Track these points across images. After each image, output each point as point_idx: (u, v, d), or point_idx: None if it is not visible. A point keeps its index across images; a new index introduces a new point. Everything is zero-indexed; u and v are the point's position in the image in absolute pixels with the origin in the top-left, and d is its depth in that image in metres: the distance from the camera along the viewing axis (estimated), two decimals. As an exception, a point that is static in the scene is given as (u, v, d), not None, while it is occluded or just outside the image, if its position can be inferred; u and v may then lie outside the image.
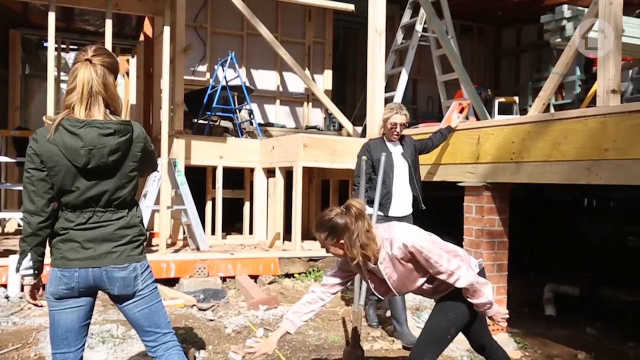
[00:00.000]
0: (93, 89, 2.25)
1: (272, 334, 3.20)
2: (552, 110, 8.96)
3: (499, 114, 8.52)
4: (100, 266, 2.36)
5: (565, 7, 5.27)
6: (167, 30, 6.33)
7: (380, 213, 4.50)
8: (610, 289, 5.85)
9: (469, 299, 2.81)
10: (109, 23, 6.09)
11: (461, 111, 5.10)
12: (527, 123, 4.38)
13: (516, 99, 8.69)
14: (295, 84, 9.69)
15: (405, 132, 6.11)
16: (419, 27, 7.54)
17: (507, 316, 2.90)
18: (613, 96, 3.88)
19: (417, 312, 5.46)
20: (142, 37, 9.32)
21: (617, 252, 7.94)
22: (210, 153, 7.23)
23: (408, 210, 4.63)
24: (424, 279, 2.88)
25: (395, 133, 4.56)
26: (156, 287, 2.53)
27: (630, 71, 7.77)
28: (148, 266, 2.50)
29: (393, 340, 4.57)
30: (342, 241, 2.79)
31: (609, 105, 3.86)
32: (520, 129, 4.45)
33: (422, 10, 7.27)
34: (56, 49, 8.16)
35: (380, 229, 2.89)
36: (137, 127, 2.41)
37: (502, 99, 8.68)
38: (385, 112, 4.62)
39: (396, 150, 4.65)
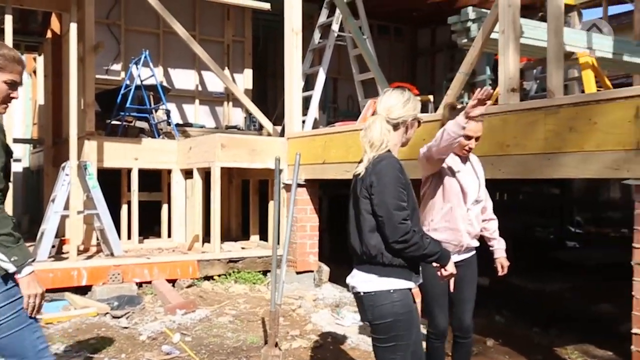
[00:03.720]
0: None
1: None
2: (465, 108, 9.32)
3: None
4: None
5: (470, 9, 5.48)
6: (74, 27, 6.06)
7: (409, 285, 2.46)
8: (518, 279, 6.15)
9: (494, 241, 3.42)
10: (9, 19, 5.76)
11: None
12: (436, 121, 4.51)
13: (431, 97, 8.95)
14: (215, 83, 9.54)
15: (314, 131, 6.10)
16: (335, 27, 7.62)
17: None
18: (513, 94, 4.07)
19: (337, 309, 5.52)
20: (49, 34, 8.86)
21: (525, 243, 8.38)
22: (125, 155, 6.98)
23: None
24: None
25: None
26: (18, 314, 2.15)
27: (535, 70, 8.19)
28: None
29: (311, 338, 4.60)
30: None
31: (509, 103, 4.06)
32: (430, 126, 4.57)
33: (338, 10, 7.35)
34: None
35: None
36: None
37: (418, 98, 8.92)
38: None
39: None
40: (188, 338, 4.56)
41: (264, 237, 7.51)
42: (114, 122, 7.61)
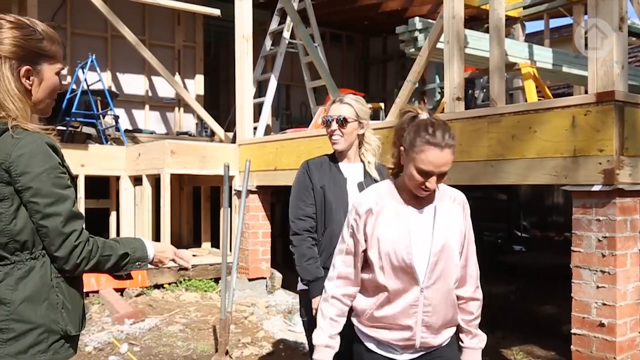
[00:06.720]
0: None
1: None
2: (415, 115, 9.48)
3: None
4: None
5: (417, 19, 5.62)
6: (16, 29, 5.87)
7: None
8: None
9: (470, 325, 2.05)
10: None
11: None
12: (384, 128, 4.60)
13: (382, 105, 9.08)
14: (165, 88, 9.40)
15: (266, 138, 6.09)
16: (286, 34, 7.65)
17: None
18: (458, 103, 4.19)
19: (289, 315, 5.52)
20: (-9, 36, 8.56)
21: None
22: (71, 161, 6.59)
23: None
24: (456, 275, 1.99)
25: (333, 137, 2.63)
26: None
27: (482, 80, 8.44)
28: None
29: (262, 345, 4.58)
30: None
31: (455, 112, 4.17)
32: (381, 133, 4.65)
33: (289, 18, 7.38)
34: None
35: None
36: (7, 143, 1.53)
37: (369, 105, 9.03)
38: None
39: (353, 174, 2.65)
40: (136, 348, 4.47)
41: (216, 244, 7.44)
42: (59, 127, 7.40)
